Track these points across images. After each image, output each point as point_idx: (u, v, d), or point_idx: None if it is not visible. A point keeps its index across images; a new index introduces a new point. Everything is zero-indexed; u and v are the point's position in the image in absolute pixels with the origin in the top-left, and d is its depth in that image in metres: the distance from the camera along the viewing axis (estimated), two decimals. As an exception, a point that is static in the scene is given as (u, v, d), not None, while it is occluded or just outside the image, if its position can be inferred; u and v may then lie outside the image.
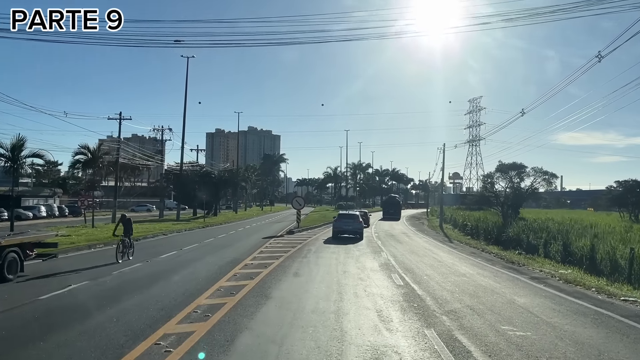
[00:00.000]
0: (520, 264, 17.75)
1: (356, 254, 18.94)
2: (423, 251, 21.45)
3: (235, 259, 16.18)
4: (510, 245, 25.16)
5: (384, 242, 24.99)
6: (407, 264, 16.25)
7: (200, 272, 13.27)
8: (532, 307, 9.76)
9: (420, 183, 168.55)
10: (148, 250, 19.13)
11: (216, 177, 51.72)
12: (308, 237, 27.15)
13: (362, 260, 17.15)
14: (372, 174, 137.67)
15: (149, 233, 26.71)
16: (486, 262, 18.11)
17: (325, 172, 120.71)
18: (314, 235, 28.21)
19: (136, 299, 9.56)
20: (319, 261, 16.36)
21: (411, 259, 18.07)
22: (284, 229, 32.35)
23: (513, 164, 37.32)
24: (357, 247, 22.09)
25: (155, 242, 23.36)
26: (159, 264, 14.91)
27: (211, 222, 40.55)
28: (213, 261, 15.64)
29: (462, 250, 22.57)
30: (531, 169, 37.04)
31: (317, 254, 18.65)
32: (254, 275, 12.51)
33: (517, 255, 21.03)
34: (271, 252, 18.47)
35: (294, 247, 20.87)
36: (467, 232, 37.67)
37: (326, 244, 23.17)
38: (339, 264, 15.84)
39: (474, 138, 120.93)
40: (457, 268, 15.79)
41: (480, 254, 21.55)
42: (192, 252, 18.58)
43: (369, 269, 14.85)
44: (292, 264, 15.36)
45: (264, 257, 16.98)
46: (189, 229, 32.76)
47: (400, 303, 9.76)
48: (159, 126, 48.09)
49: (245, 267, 14.18)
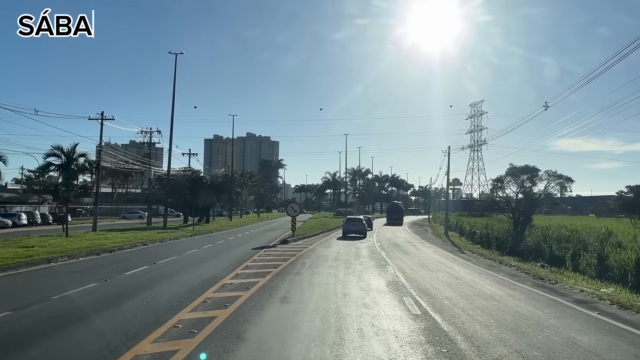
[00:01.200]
0: (550, 280, 15.07)
1: (358, 269, 16.23)
2: (434, 264, 18.74)
3: (214, 276, 13.46)
4: (529, 256, 22.51)
5: (389, 254, 22.28)
6: (419, 282, 13.54)
7: (162, 297, 10.55)
8: (605, 352, 7.06)
9: (420, 189, 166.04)
10: (118, 264, 16.42)
11: (208, 182, 48.98)
12: (304, 247, 24.43)
13: (366, 277, 14.43)
14: (372, 179, 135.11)
15: (127, 243, 23.99)
16: (510, 277, 15.41)
17: (324, 177, 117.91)
18: (311, 245, 25.48)
19: (44, 347, 6.81)
20: (315, 279, 13.65)
21: (423, 274, 15.36)
22: (278, 238, 29.63)
23: (525, 167, 34.64)
24: (359, 259, 19.39)
25: (130, 254, 20.63)
26: (117, 285, 12.17)
27: (201, 230, 37.80)
28: (185, 280, 12.93)
29: (477, 263, 19.87)
30: (544, 172, 34.43)
31: (313, 268, 15.93)
32: (229, 302, 9.78)
33: (541, 269, 18.40)
34: (258, 268, 15.75)
35: (287, 260, 18.15)
36: (476, 240, 35.05)
37: (324, 255, 20.46)
38: (338, 282, 13.13)
39: (476, 143, 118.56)
40: (481, 287, 13.08)
41: (499, 267, 18.86)
42: (166, 267, 15.85)
43: (375, 289, 12.13)
44: (281, 283, 12.64)
45: (249, 274, 14.27)
46: (174, 238, 30.02)
47: (423, 346, 7.05)
48: (147, 128, 45.22)
49: (222, 289, 11.45)
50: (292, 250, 22.21)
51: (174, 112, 38.92)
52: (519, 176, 35.77)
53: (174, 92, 38.05)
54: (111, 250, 21.32)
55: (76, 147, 31.24)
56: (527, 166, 34.92)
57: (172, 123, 37.76)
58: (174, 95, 37.81)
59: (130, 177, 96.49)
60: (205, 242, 27.24)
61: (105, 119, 33.82)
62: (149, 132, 44.84)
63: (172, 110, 37.96)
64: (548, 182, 34.67)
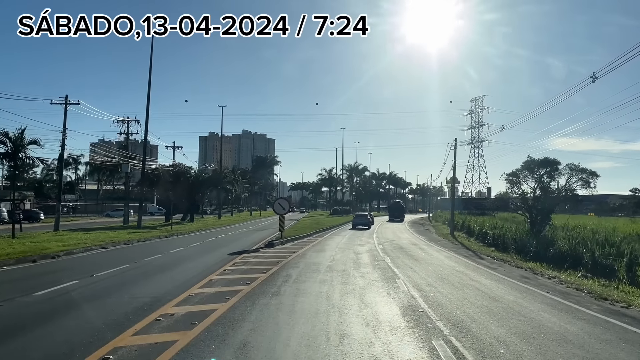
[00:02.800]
0: (618, 300, 11.21)
1: (359, 284, 12.24)
2: (455, 276, 14.77)
3: (155, 300, 9.46)
4: (562, 262, 18.67)
5: (395, 260, 18.30)
6: (447, 308, 9.57)
7: (49, 341, 6.54)
8: None
9: (419, 187, 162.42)
10: (41, 278, 12.48)
11: (193, 178, 44.79)
12: (292, 251, 20.42)
13: (371, 298, 10.44)
14: (369, 177, 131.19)
15: (81, 247, 19.96)
16: (564, 297, 11.48)
17: (319, 174, 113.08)
18: (301, 250, 21.47)
19: None
20: (299, 304, 9.65)
21: (447, 293, 11.39)
22: (263, 240, 25.61)
23: (544, 159, 30.81)
24: (359, 269, 15.39)
25: (74, 261, 16.60)
26: (4, 315, 8.16)
27: (180, 230, 33.72)
28: (111, 306, 8.92)
29: (506, 273, 15.92)
30: (566, 165, 30.57)
31: (299, 284, 11.93)
32: (153, 354, 5.82)
33: (586, 281, 14.60)
34: (225, 284, 11.75)
35: (266, 271, 14.14)
36: (488, 242, 31.15)
37: (315, 264, 16.46)
38: (332, 310, 9.13)
39: (476, 139, 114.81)
40: (537, 317, 9.12)
41: (536, 279, 14.93)
42: (102, 282, 11.82)
43: (387, 324, 8.15)
44: (248, 313, 8.64)
45: (207, 295, 10.26)
46: (144, 239, 25.96)
47: None
48: (124, 117, 40.95)
49: (151, 328, 7.44)
50: (277, 256, 18.21)
51: (150, 93, 34.75)
52: (536, 170, 31.96)
53: (150, 74, 33.90)
54: (55, 255, 17.30)
55: (24, 133, 26.75)
56: (546, 159, 31.08)
57: (148, 108, 33.65)
58: (149, 79, 33.69)
59: (117, 174, 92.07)
60: (177, 245, 23.20)
61: (69, 104, 29.68)
62: (126, 121, 40.59)
63: (148, 94, 33.84)
64: (569, 177, 30.82)
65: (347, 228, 44.63)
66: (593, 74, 20.64)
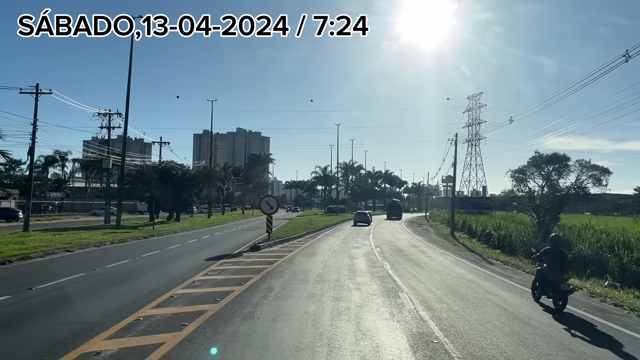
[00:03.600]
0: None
1: (355, 301, 10.01)
2: (467, 287, 12.57)
3: (88, 327, 7.20)
4: (583, 269, 16.57)
5: (395, 266, 16.09)
6: (469, 337, 7.35)
7: None
8: None
9: (414, 186, 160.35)
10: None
11: (179, 175, 42.39)
12: (279, 256, 18.16)
13: (369, 323, 8.20)
14: (365, 175, 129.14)
15: (42, 249, 17.67)
16: (609, 319, 9.33)
17: (314, 171, 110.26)
18: (289, 253, 19.20)
19: None
20: (276, 331, 7.40)
21: (464, 313, 9.17)
22: (250, 242, 23.33)
23: (553, 155, 28.71)
24: (355, 278, 13.17)
25: (25, 267, 14.34)
26: None
27: (163, 231, 31.37)
28: (20, 339, 6.66)
29: (525, 283, 13.74)
30: (576, 162, 28.50)
31: (280, 302, 9.69)
32: None
33: (617, 292, 12.58)
34: (189, 300, 9.49)
35: (245, 281, 11.89)
36: (492, 244, 29.07)
37: (304, 271, 14.22)
38: (319, 342, 6.87)
39: (474, 137, 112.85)
40: (592, 353, 6.93)
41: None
42: (36, 298, 9.54)
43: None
44: (207, 346, 6.39)
45: (161, 318, 7.99)
46: (119, 241, 23.65)
47: None
48: (106, 110, 38.42)
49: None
50: (261, 262, 15.95)
51: (130, 80, 32.31)
52: (543, 167, 29.89)
53: (131, 59, 31.41)
54: (6, 261, 15.02)
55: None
56: (555, 155, 28.96)
57: (128, 99, 31.28)
58: (130, 63, 31.22)
59: (105, 172, 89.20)
60: (153, 247, 20.91)
61: (40, 93, 27.27)
62: (108, 114, 38.08)
63: (129, 84, 31.45)
64: (579, 174, 28.74)
65: (342, 228, 42.45)
66: (626, 52, 19.83)
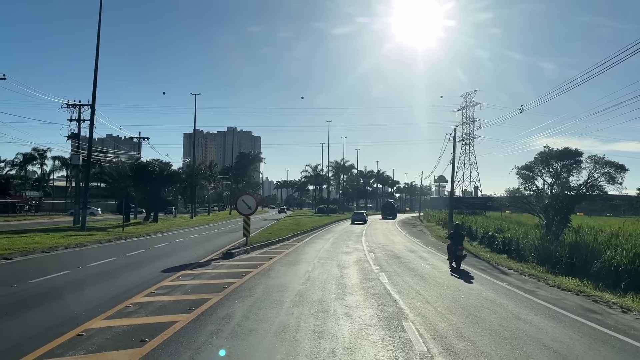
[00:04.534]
0: None
1: (344, 337, 7.12)
2: (489, 310, 9.75)
3: None
4: (616, 281, 13.96)
5: (394, 279, 13.25)
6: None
7: None
8: None
9: (406, 186, 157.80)
10: None
11: (157, 172, 39.24)
12: (254, 265, 15.20)
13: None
14: (356, 175, 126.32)
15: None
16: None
17: (304, 170, 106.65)
18: (267, 262, 16.23)
19: None
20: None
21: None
22: (224, 247, 20.38)
23: (565, 150, 26.07)
24: (344, 297, 10.28)
25: None
26: None
27: (134, 233, 28.31)
28: None
29: (558, 303, 10.95)
30: (588, 158, 25.88)
31: (237, 341, 6.77)
32: None
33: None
34: (103, 342, 6.55)
35: (199, 304, 8.95)
36: (496, 248, 26.47)
37: (280, 287, 11.30)
38: None
39: (468, 136, 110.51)
40: None
41: (611, 314, 10.04)
42: None
43: None
44: None
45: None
46: (77, 245, 20.62)
47: None
48: (74, 101, 35.16)
49: None
50: (230, 274, 13.02)
51: (98, 64, 29.16)
52: (552, 164, 27.25)
53: (98, 40, 28.24)
54: None
55: None
56: (566, 149, 26.24)
57: (95, 87, 28.16)
58: (98, 44, 28.08)
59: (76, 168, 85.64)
60: (111, 254, 17.89)
61: (-9, 79, 24.15)
62: (78, 105, 34.81)
63: (96, 68, 28.31)
64: (591, 171, 26.12)
65: (332, 229, 39.63)
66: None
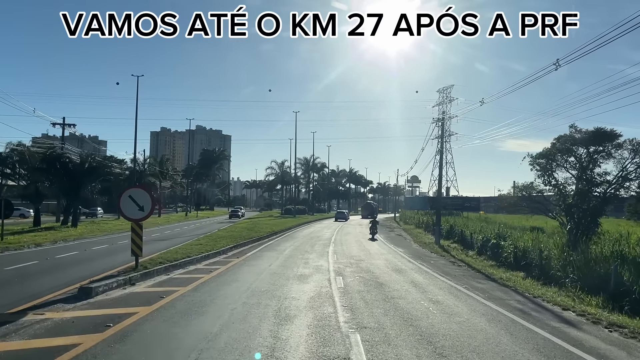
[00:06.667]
0: None
1: None
2: None
3: None
4: None
5: (378, 354, 6.35)
6: None
7: None
8: None
9: (379, 186, 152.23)
10: None
11: (76, 165, 31.42)
12: (118, 316, 8.01)
13: None
14: (328, 174, 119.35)
15: None
16: None
17: (269, 167, 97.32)
18: (145, 309, 8.99)
19: None
20: None
21: None
22: (103, 274, 13.01)
23: (597, 130, 19.83)
24: None
25: None
26: None
27: (23, 243, 20.65)
28: None
29: None
30: (627, 141, 19.76)
31: None
32: None
33: None
34: None
35: None
36: (503, 261, 19.76)
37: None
38: None
39: (444, 133, 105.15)
40: None
41: None
42: None
43: None
44: None
45: None
46: None
47: None
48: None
49: None
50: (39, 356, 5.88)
51: None
52: (574, 151, 20.97)
53: None
54: None
55: None
56: (599, 130, 20.01)
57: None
58: None
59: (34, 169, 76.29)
60: None
61: None
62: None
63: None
64: (626, 161, 19.92)
65: (295, 235, 32.67)
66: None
